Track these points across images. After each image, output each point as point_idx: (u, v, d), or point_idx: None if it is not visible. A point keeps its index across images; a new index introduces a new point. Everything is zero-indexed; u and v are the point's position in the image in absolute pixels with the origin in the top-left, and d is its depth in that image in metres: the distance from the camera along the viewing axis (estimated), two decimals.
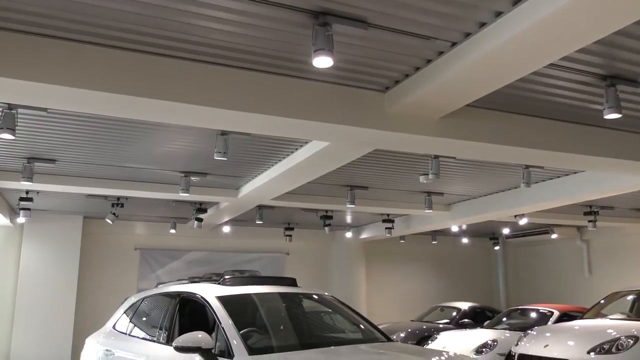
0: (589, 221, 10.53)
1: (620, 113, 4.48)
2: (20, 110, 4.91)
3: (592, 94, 4.79)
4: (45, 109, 4.92)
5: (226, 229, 12.15)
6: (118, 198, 9.26)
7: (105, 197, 9.11)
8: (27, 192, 8.67)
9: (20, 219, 9.72)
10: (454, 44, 3.91)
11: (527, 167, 6.98)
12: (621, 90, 4.51)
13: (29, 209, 9.18)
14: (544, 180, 8.26)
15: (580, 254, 13.98)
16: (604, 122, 5.44)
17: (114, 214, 9.71)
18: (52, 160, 6.82)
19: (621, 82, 4.47)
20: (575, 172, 7.80)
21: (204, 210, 9.91)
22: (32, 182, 6.84)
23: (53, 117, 5.29)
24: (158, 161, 6.99)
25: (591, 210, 10.34)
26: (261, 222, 10.61)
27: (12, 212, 10.28)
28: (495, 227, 13.48)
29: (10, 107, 4.79)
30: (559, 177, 8.05)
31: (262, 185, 7.61)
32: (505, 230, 13.89)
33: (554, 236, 13.35)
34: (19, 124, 5.08)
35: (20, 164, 6.81)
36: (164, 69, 4.12)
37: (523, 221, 10.59)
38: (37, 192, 8.65)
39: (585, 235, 13.73)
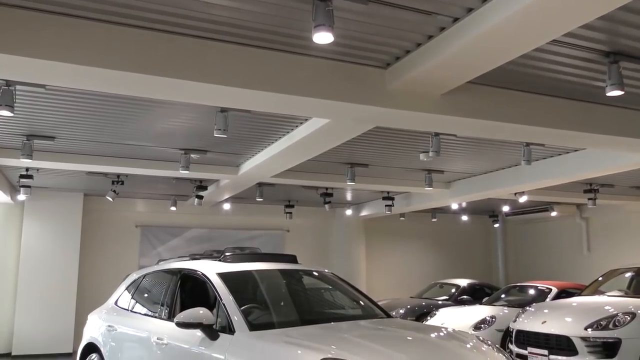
0: (589, 199, 10.54)
1: (622, 90, 4.44)
2: (18, 87, 4.87)
3: (595, 70, 4.75)
4: (43, 86, 4.88)
5: (226, 206, 12.18)
6: (118, 175, 9.26)
7: (105, 174, 9.11)
8: (27, 170, 8.66)
9: (21, 196, 9.73)
10: (455, 20, 3.86)
11: (527, 144, 6.96)
12: (624, 67, 4.47)
13: (29, 187, 9.17)
14: (544, 158, 8.25)
15: (580, 231, 14.04)
16: (606, 100, 5.39)
17: (114, 191, 9.71)
18: (52, 137, 6.80)
19: (624, 58, 4.43)
20: (576, 150, 7.79)
21: (204, 188, 9.92)
22: (31, 159, 6.83)
23: (52, 94, 5.26)
24: (158, 138, 6.97)
25: (591, 188, 10.34)
26: (261, 200, 10.63)
27: (13, 190, 10.29)
28: (495, 204, 13.51)
29: (8, 83, 4.76)
30: (559, 154, 8.03)
31: (262, 162, 7.60)
32: (505, 208, 13.92)
33: (553, 214, 13.38)
34: (17, 101, 5.05)
35: (20, 141, 6.79)
36: (163, 46, 4.07)
37: (523, 199, 10.60)
38: (37, 170, 8.64)
39: (584, 213, 13.76)
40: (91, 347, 5.84)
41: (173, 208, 11.70)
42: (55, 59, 3.78)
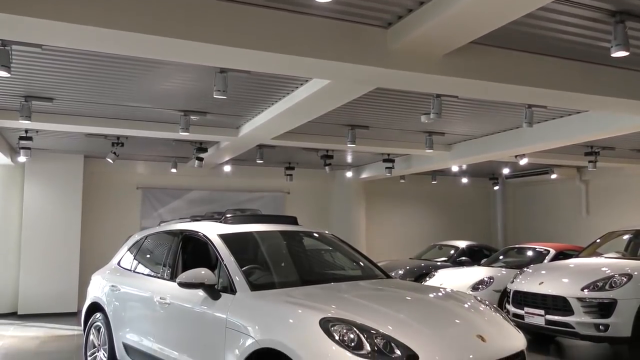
0: (590, 162, 10.53)
1: (628, 51, 4.38)
2: (15, 47, 4.81)
3: (600, 30, 4.66)
4: (40, 46, 4.81)
5: (227, 168, 12.19)
6: (118, 137, 9.23)
7: (105, 136, 9.08)
8: (26, 131, 8.63)
9: (21, 158, 9.74)
10: None
11: (530, 106, 6.91)
12: (630, 27, 4.39)
13: (29, 148, 9.16)
14: (546, 120, 8.20)
15: (579, 194, 14.09)
16: (611, 61, 5.32)
17: (114, 153, 9.70)
18: (50, 98, 6.74)
19: (630, 18, 4.35)
20: (578, 112, 7.73)
21: (205, 150, 9.90)
22: (30, 120, 6.79)
23: (49, 54, 5.19)
24: (157, 99, 6.91)
25: (592, 150, 10.31)
26: (262, 162, 10.63)
27: (13, 151, 10.28)
28: (495, 167, 13.51)
29: (4, 43, 4.69)
30: (561, 116, 7.98)
31: (263, 124, 7.56)
32: (505, 171, 13.93)
33: (553, 176, 13.40)
34: (14, 61, 4.99)
35: (18, 102, 6.74)
36: (163, 5, 3.99)
37: (523, 161, 10.59)
38: (37, 131, 8.61)
39: (584, 175, 13.77)
40: (95, 307, 5.93)
41: (173, 170, 11.71)
42: (51, 18, 3.71)
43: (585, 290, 6.66)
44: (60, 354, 7.35)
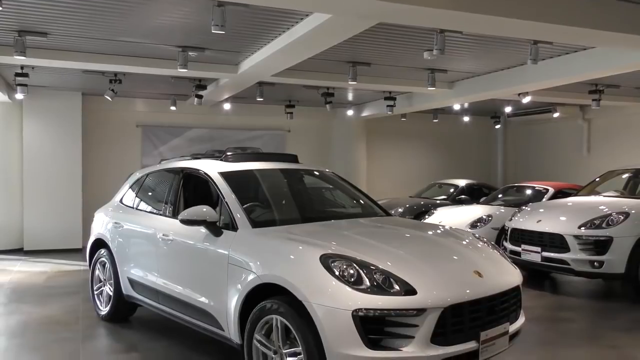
0: (593, 100, 10.41)
1: None
2: None
3: None
4: None
5: (227, 106, 12.07)
6: (115, 74, 9.09)
7: (102, 73, 8.94)
8: (22, 68, 8.49)
9: (19, 95, 9.63)
10: None
11: (535, 42, 6.74)
12: None
13: (25, 85, 9.05)
14: (551, 57, 8.03)
15: (581, 133, 14.03)
16: None
17: (112, 90, 9.59)
18: (44, 33, 6.58)
19: None
20: (584, 49, 7.56)
21: (204, 87, 9.77)
22: (25, 56, 6.64)
23: None
24: (154, 35, 6.75)
25: (596, 88, 10.18)
26: (262, 100, 10.52)
27: (10, 88, 10.15)
28: (498, 105, 13.38)
29: None
30: (567, 53, 7.81)
31: (262, 60, 7.42)
32: (507, 109, 13.80)
33: (556, 115, 13.29)
34: None
35: (12, 37, 6.58)
36: None
37: (526, 99, 10.47)
38: (32, 68, 8.47)
39: (587, 114, 13.67)
40: (99, 243, 6.04)
41: (173, 108, 11.61)
42: None
43: (582, 228, 6.75)
44: (68, 288, 7.55)
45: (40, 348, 5.01)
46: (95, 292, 6.07)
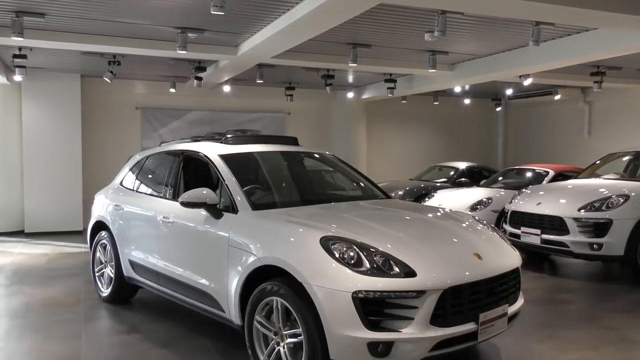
0: (595, 82, 10.36)
1: None
2: None
3: None
4: None
5: (227, 88, 12.01)
6: (114, 56, 9.02)
7: (101, 54, 8.87)
8: (19, 49, 8.43)
9: (17, 77, 9.58)
10: None
11: (537, 23, 6.68)
12: None
13: (24, 67, 8.99)
14: (553, 39, 7.96)
15: (582, 115, 13.98)
16: None
17: (111, 72, 9.53)
18: (42, 14, 6.52)
19: None
20: (587, 30, 7.49)
21: (203, 69, 9.71)
22: (23, 37, 6.59)
23: None
24: (152, 16, 6.68)
25: (598, 70, 10.12)
26: (262, 82, 10.46)
27: (8, 70, 10.09)
28: (498, 88, 13.31)
29: None
30: (569, 34, 7.74)
31: (262, 42, 7.36)
32: (508, 92, 13.73)
33: (557, 97, 13.22)
34: None
35: (9, 18, 6.52)
36: None
37: (528, 81, 10.40)
38: (31, 49, 8.41)
39: (588, 96, 13.60)
40: (100, 225, 6.06)
41: (172, 90, 11.55)
42: None
43: (582, 211, 6.76)
44: (69, 270, 7.59)
45: (43, 329, 5.05)
46: (97, 274, 6.10)
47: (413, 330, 3.18)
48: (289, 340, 3.49)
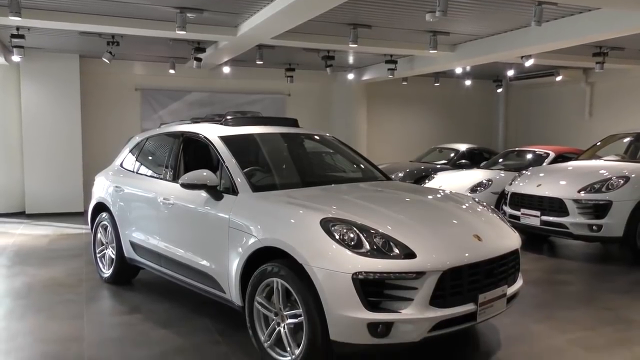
0: (597, 63, 10.29)
1: None
2: None
3: None
4: None
5: (226, 69, 11.93)
6: (113, 36, 8.95)
7: (100, 34, 8.80)
8: (17, 29, 8.36)
9: (15, 57, 9.52)
10: None
11: (539, 3, 6.61)
12: None
13: (22, 47, 8.92)
14: (555, 19, 7.89)
15: (583, 96, 13.91)
16: None
17: (110, 52, 9.46)
18: None
19: None
20: (589, 10, 7.42)
21: (203, 50, 9.64)
22: (20, 17, 6.54)
23: None
24: None
25: (601, 51, 10.04)
26: (262, 63, 10.39)
27: (6, 50, 10.02)
28: (500, 69, 13.22)
29: None
30: (572, 14, 7.67)
31: (262, 22, 7.30)
32: (510, 73, 13.65)
33: (559, 78, 13.15)
34: None
35: None
36: None
37: (529, 62, 10.33)
38: (28, 29, 8.34)
39: (590, 77, 13.52)
40: (101, 207, 6.07)
41: (172, 71, 11.48)
42: None
43: (582, 192, 6.76)
44: (71, 251, 7.62)
45: (45, 309, 5.09)
46: (98, 255, 6.13)
47: (413, 311, 3.20)
48: (290, 320, 3.52)
